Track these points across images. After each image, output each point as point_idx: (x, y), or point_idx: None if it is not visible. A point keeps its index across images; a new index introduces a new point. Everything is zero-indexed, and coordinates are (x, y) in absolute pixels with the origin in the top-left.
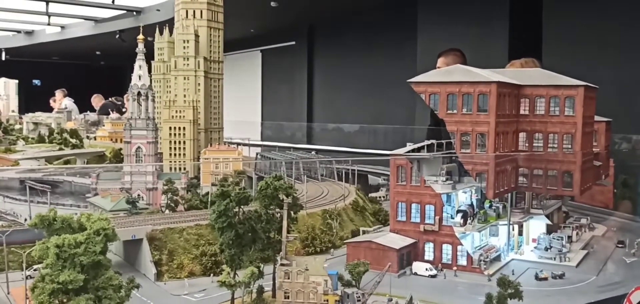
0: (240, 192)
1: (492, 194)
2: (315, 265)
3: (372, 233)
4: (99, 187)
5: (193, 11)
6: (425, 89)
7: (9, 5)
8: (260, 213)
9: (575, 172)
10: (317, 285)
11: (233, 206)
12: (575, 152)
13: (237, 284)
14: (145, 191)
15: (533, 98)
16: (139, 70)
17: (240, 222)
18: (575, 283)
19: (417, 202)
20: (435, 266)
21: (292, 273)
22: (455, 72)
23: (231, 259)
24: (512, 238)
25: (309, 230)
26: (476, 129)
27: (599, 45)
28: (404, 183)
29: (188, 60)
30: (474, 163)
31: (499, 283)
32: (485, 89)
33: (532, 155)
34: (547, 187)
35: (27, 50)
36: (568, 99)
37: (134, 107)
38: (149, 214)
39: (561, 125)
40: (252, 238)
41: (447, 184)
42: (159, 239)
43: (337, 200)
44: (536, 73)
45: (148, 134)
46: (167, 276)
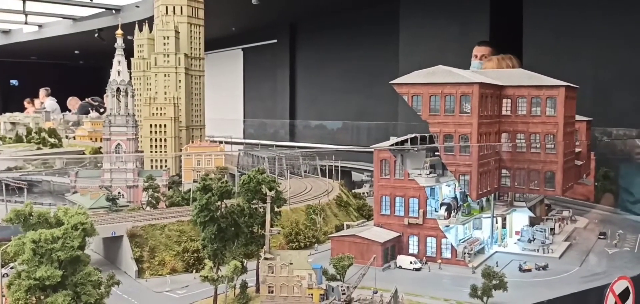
0: (222, 186)
1: (475, 195)
2: (299, 259)
3: (356, 227)
4: (78, 185)
5: (173, 8)
6: (408, 91)
7: None
8: (243, 207)
9: (557, 172)
10: (302, 279)
11: (215, 200)
12: (557, 152)
13: (219, 279)
14: (125, 189)
15: (515, 99)
16: (118, 66)
17: (222, 216)
18: (558, 273)
19: (401, 196)
20: (420, 259)
21: (276, 267)
22: (437, 73)
23: (214, 254)
24: (495, 230)
25: (292, 225)
26: (459, 131)
27: (578, 40)
28: (388, 177)
29: (168, 57)
30: (456, 164)
31: (484, 275)
32: (468, 90)
33: (515, 155)
34: (530, 187)
35: (4, 50)
36: (549, 99)
37: (113, 103)
38: (129, 211)
39: (543, 125)
40: (235, 233)
41: (431, 177)
42: (140, 236)
43: (321, 195)
44: (518, 74)
45: (128, 131)
46: (148, 273)
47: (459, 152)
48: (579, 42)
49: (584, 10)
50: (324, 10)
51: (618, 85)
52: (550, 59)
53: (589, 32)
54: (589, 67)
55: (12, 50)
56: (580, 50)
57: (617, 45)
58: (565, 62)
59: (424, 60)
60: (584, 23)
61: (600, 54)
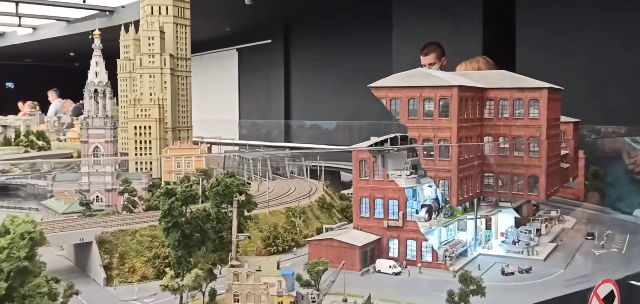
0: (186, 190)
1: (455, 202)
2: (268, 265)
3: (335, 230)
4: (55, 188)
5: (158, 7)
6: (386, 94)
7: None
8: (209, 212)
9: (541, 176)
10: (270, 286)
11: (178, 205)
12: (540, 156)
13: (181, 288)
14: (104, 192)
15: (497, 101)
16: (96, 67)
17: (187, 222)
18: (542, 276)
19: (380, 198)
20: (400, 263)
21: (242, 274)
22: (416, 76)
23: (178, 261)
24: (479, 232)
25: (271, 229)
26: (438, 135)
27: (572, 38)
28: (367, 178)
29: (153, 58)
30: (436, 169)
31: (461, 279)
32: (447, 93)
33: (497, 160)
34: (513, 193)
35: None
36: (532, 101)
37: (91, 105)
38: (103, 216)
39: (526, 128)
40: (201, 239)
41: (412, 178)
42: (110, 242)
43: (302, 197)
44: (500, 75)
45: (106, 133)
46: (117, 281)
47: (439, 156)
48: (572, 40)
49: (578, 8)
50: (318, 10)
51: (612, 83)
52: (543, 57)
53: (582, 29)
54: (582, 66)
55: (6, 53)
56: (573, 48)
57: (612, 43)
58: (559, 61)
59: (417, 60)
60: (577, 21)
61: (595, 52)
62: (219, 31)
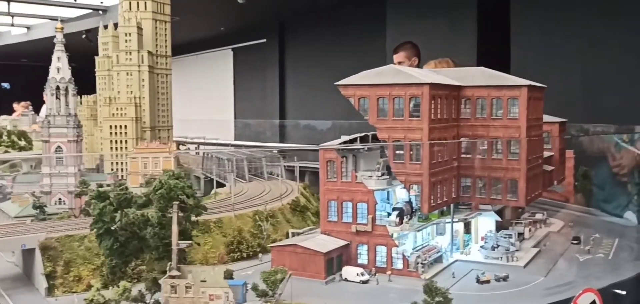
0: (121, 194)
1: (427, 208)
2: (213, 276)
3: (302, 234)
4: (15, 190)
5: (136, 3)
6: (354, 93)
7: None
8: (148, 217)
9: (520, 180)
10: (216, 299)
11: (111, 210)
12: (520, 159)
13: (107, 303)
14: (66, 194)
15: (474, 100)
16: (58, 62)
17: (121, 228)
18: (520, 285)
19: (348, 200)
20: (369, 271)
21: (179, 287)
22: (385, 74)
23: (111, 271)
24: (457, 236)
25: (235, 233)
26: (409, 136)
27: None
28: (335, 179)
29: (130, 55)
30: (406, 173)
31: (425, 290)
32: (417, 91)
33: (474, 163)
34: (491, 198)
35: None
36: (511, 100)
37: (53, 102)
38: (58, 219)
39: (504, 129)
40: (139, 247)
41: (382, 179)
42: (54, 249)
43: (272, 200)
44: (478, 72)
45: (68, 132)
46: (61, 290)
47: (409, 159)
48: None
49: (574, 8)
50: (313, 10)
51: (608, 84)
52: (539, 58)
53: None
54: (578, 66)
55: (1, 53)
56: (569, 49)
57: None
58: (555, 61)
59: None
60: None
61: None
62: (214, 30)
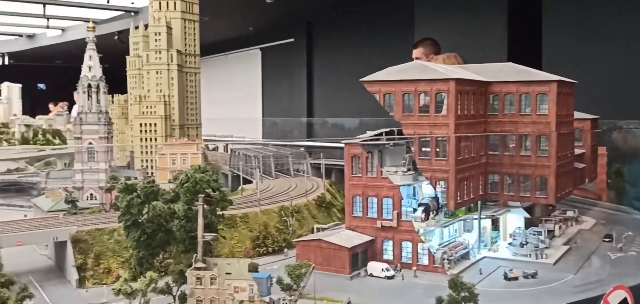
0: (147, 187)
1: (453, 205)
2: (238, 268)
3: (327, 230)
4: (48, 186)
5: (166, 3)
6: (379, 89)
7: (8, 9)
8: (174, 210)
9: (550, 177)
10: (241, 291)
11: (138, 202)
12: (549, 155)
13: (134, 293)
14: (97, 190)
15: (502, 96)
16: (89, 61)
17: (148, 220)
18: (549, 282)
19: (373, 196)
20: (394, 266)
21: (205, 278)
22: (411, 70)
23: (139, 262)
24: (484, 233)
25: (261, 228)
26: (435, 132)
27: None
28: (360, 175)
29: (160, 54)
30: (432, 170)
31: (451, 285)
32: (443, 87)
33: (503, 160)
34: (520, 195)
35: (29, 55)
36: (540, 96)
37: (84, 100)
38: (89, 213)
39: (533, 125)
40: (165, 239)
41: (408, 175)
42: (85, 242)
43: (297, 196)
44: (506, 68)
45: (100, 129)
46: (91, 282)
47: (435, 156)
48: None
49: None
50: (340, 8)
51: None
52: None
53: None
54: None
55: (37, 55)
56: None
57: None
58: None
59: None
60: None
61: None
62: (243, 31)
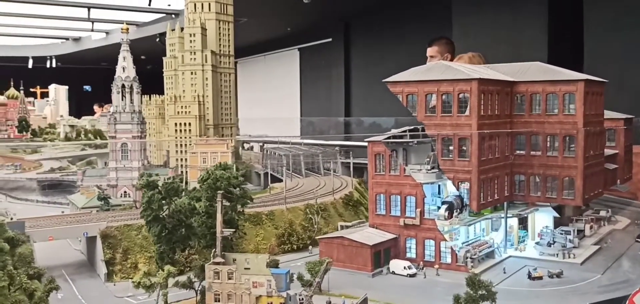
0: (168, 183)
1: (476, 206)
2: (257, 263)
3: (351, 227)
4: (84, 184)
5: (201, 4)
6: (402, 89)
7: (54, 13)
8: (194, 206)
9: (577, 178)
10: (259, 286)
11: (159, 198)
12: (576, 156)
13: (153, 286)
14: (131, 187)
15: (528, 95)
16: (123, 62)
17: (169, 216)
18: (574, 281)
19: (397, 194)
20: (417, 264)
21: (222, 273)
22: (434, 70)
23: (160, 256)
24: (511, 232)
25: (286, 226)
26: (458, 133)
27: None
28: (383, 173)
29: (195, 55)
30: (455, 170)
31: (468, 283)
32: (466, 87)
33: (529, 160)
34: (547, 196)
35: (75, 57)
36: (567, 95)
37: (119, 100)
38: (121, 210)
39: (560, 125)
40: (186, 234)
41: (431, 172)
42: (114, 237)
43: (324, 194)
44: (533, 67)
45: (133, 128)
46: (119, 276)
47: (458, 156)
48: None
49: None
50: (377, 7)
51: None
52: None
53: None
54: None
55: (83, 57)
56: None
57: None
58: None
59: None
60: None
61: None
62: (281, 31)
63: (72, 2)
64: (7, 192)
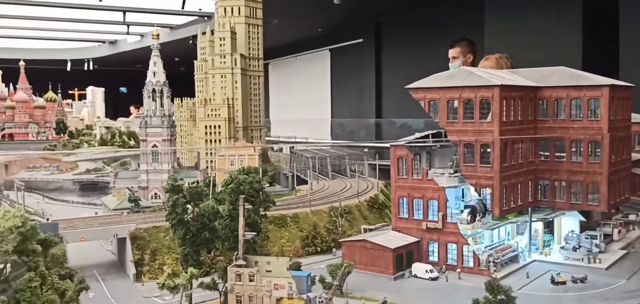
0: (192, 187)
1: (498, 212)
2: (278, 266)
3: (374, 230)
4: (116, 185)
5: (231, 8)
6: (424, 96)
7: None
8: (218, 209)
9: (603, 184)
10: (280, 288)
11: (183, 202)
12: (601, 161)
13: (177, 287)
14: (161, 189)
15: (552, 101)
16: (154, 67)
17: (193, 219)
18: (598, 287)
19: (419, 197)
20: (439, 268)
21: (244, 275)
22: (456, 76)
23: (184, 258)
24: (535, 236)
25: (310, 228)
26: (480, 139)
27: None
28: (405, 176)
29: (224, 58)
30: (477, 177)
31: (487, 288)
32: (488, 93)
33: (553, 166)
34: (571, 202)
35: (112, 60)
36: (592, 101)
37: (149, 104)
38: (150, 212)
39: (585, 131)
40: (209, 237)
41: (454, 176)
42: (142, 238)
43: (349, 197)
44: (558, 72)
45: (163, 132)
46: (147, 277)
47: (480, 162)
48: None
49: None
50: (408, 7)
51: None
52: None
53: None
54: None
55: (119, 60)
56: None
57: None
58: None
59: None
60: None
61: None
62: (312, 32)
63: (108, 6)
64: (45, 193)
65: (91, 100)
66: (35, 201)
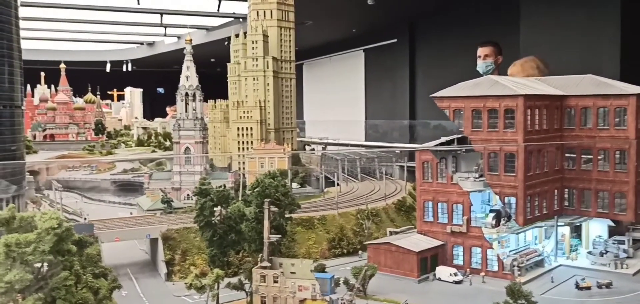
0: (219, 191)
1: (522, 221)
2: (302, 268)
3: (399, 233)
4: (151, 186)
5: (263, 12)
6: (449, 104)
7: (129, 20)
8: (244, 212)
9: (629, 193)
10: (303, 289)
11: (210, 205)
12: (628, 171)
13: (204, 287)
14: (193, 191)
15: (579, 110)
16: (187, 71)
17: (221, 221)
18: (623, 292)
19: (443, 201)
20: (464, 271)
21: (268, 277)
22: (481, 85)
23: (212, 259)
24: (563, 241)
25: (337, 231)
26: (504, 148)
27: None
28: (430, 180)
29: (257, 61)
30: (500, 185)
31: (508, 292)
32: (512, 102)
33: (579, 174)
34: (597, 211)
35: (150, 61)
36: (619, 109)
37: (182, 107)
38: (182, 213)
39: (612, 139)
40: (236, 239)
41: (479, 181)
42: (174, 239)
43: (376, 199)
44: (586, 80)
45: (196, 135)
46: (178, 276)
47: (504, 171)
48: None
49: None
50: (443, 8)
51: None
52: None
53: None
54: None
55: (157, 61)
56: None
57: None
58: None
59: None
60: None
61: None
62: (346, 32)
63: (147, 8)
64: (83, 193)
65: (129, 101)
66: (74, 201)
